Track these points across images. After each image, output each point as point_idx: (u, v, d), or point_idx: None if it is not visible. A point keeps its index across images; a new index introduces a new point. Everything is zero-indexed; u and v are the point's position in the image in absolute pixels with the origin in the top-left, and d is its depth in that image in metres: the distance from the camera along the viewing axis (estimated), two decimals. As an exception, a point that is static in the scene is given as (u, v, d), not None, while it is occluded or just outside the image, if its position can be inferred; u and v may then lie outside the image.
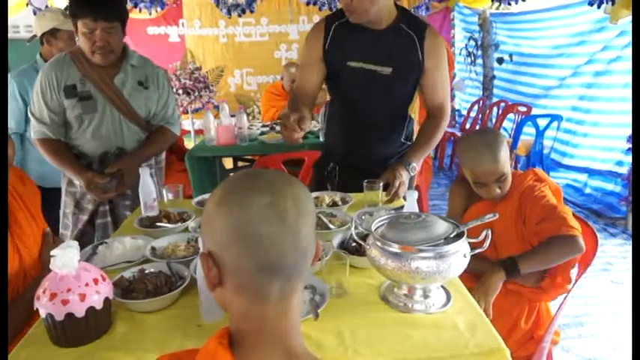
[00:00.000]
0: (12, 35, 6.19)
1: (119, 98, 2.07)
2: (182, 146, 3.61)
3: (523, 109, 5.16)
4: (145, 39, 6.59)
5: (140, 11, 4.70)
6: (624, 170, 4.20)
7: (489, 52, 6.41)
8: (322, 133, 3.40)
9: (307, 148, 3.06)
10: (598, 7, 3.57)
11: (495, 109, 5.76)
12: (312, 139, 3.46)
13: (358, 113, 2.02)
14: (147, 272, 1.32)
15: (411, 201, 1.53)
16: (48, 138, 2.05)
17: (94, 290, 1.08)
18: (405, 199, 1.61)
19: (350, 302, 1.23)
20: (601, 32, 4.53)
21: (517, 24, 5.97)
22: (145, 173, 1.79)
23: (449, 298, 1.23)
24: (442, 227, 1.19)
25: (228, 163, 4.18)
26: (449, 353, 1.03)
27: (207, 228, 0.69)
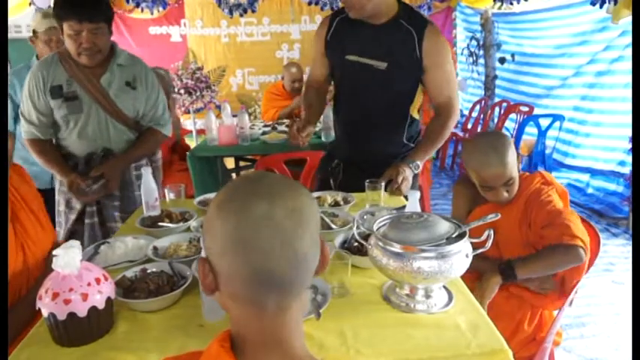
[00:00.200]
0: (14, 35, 6.22)
1: (105, 98, 2.05)
2: (185, 146, 3.60)
3: (525, 109, 5.14)
4: (147, 39, 6.61)
5: (142, 11, 4.71)
6: (626, 170, 4.19)
7: (491, 52, 6.39)
8: (323, 133, 3.40)
9: (309, 148, 3.06)
10: (600, 7, 3.58)
11: (497, 109, 5.74)
12: (313, 139, 3.45)
13: (358, 108, 2.03)
14: (149, 272, 1.32)
15: (413, 201, 1.52)
16: (37, 138, 2.05)
17: (96, 290, 1.08)
18: (407, 199, 1.61)
19: (352, 302, 1.23)
20: (603, 32, 4.53)
21: (519, 24, 5.96)
22: (147, 173, 1.79)
23: (451, 298, 1.22)
24: (444, 227, 1.19)
25: (229, 163, 4.17)
26: (451, 353, 1.03)
27: (206, 233, 0.68)
